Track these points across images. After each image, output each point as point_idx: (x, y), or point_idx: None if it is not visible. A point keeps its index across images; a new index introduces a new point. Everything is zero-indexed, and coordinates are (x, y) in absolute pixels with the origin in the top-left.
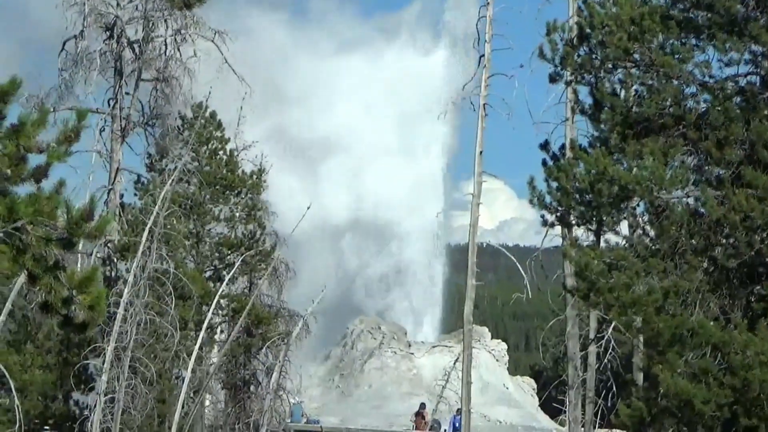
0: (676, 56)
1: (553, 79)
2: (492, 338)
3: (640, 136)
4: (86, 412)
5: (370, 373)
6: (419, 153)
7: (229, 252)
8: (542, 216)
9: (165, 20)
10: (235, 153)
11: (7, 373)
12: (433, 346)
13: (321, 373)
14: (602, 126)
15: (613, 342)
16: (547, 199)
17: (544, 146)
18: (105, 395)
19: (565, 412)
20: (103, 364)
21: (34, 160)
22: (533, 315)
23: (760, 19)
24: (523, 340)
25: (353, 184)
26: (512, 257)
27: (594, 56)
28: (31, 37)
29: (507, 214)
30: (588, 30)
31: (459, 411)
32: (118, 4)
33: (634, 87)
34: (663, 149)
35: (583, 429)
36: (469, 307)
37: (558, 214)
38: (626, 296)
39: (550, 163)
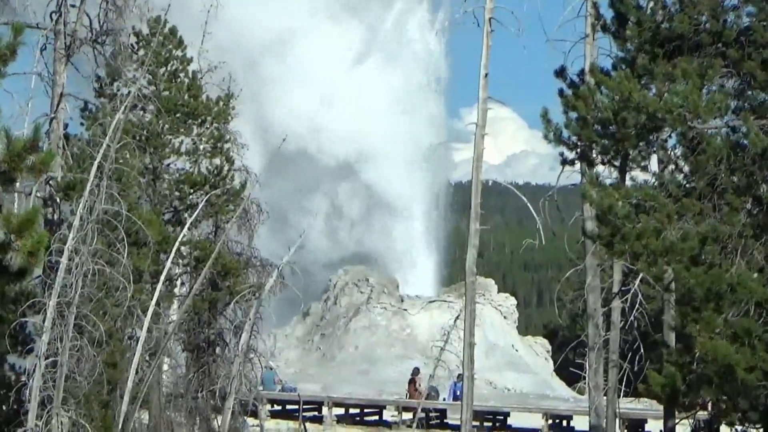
0: None
1: None
2: (499, 292)
3: (671, 56)
4: (24, 378)
5: (356, 333)
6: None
7: (192, 191)
8: (561, 154)
9: None
10: (199, 75)
11: None
12: (430, 302)
13: (299, 333)
14: (627, 45)
15: (640, 296)
16: (565, 133)
17: (560, 73)
18: (46, 358)
19: (584, 377)
20: (44, 322)
21: None
22: (547, 265)
23: None
24: (535, 294)
25: (318, 105)
26: (522, 197)
27: None
28: None
29: (516, 147)
30: None
31: (460, 377)
32: None
33: None
34: (698, 71)
35: (605, 397)
36: (472, 255)
37: (577, 150)
38: (656, 243)
39: (568, 92)
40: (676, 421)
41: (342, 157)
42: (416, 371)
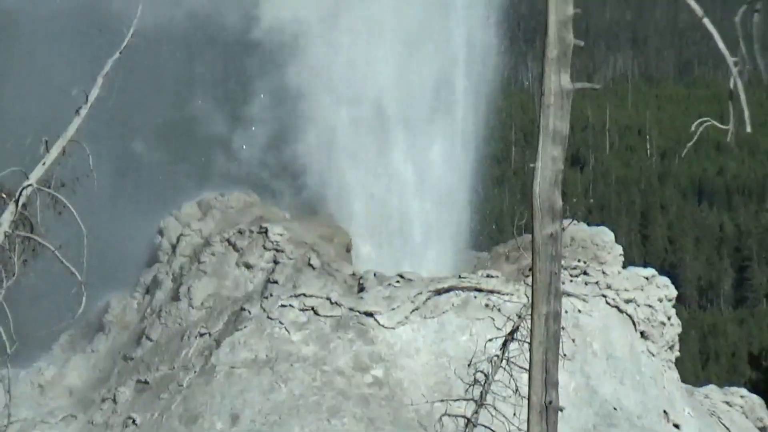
0: None
1: None
2: (626, 266)
3: None
4: None
5: (234, 381)
6: None
7: None
8: None
9: None
10: None
11: None
12: (437, 292)
13: (75, 381)
14: None
15: None
16: None
17: None
18: None
19: None
20: None
21: None
22: (755, 187)
23: None
24: (728, 269)
25: None
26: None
27: None
28: None
29: None
30: None
31: None
32: None
33: None
34: None
35: None
36: (552, 165)
37: None
38: None
39: None
40: None
41: None
42: None
